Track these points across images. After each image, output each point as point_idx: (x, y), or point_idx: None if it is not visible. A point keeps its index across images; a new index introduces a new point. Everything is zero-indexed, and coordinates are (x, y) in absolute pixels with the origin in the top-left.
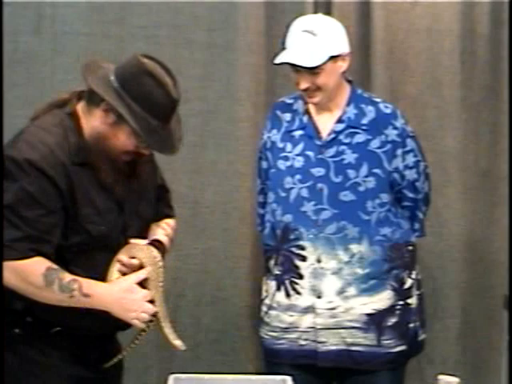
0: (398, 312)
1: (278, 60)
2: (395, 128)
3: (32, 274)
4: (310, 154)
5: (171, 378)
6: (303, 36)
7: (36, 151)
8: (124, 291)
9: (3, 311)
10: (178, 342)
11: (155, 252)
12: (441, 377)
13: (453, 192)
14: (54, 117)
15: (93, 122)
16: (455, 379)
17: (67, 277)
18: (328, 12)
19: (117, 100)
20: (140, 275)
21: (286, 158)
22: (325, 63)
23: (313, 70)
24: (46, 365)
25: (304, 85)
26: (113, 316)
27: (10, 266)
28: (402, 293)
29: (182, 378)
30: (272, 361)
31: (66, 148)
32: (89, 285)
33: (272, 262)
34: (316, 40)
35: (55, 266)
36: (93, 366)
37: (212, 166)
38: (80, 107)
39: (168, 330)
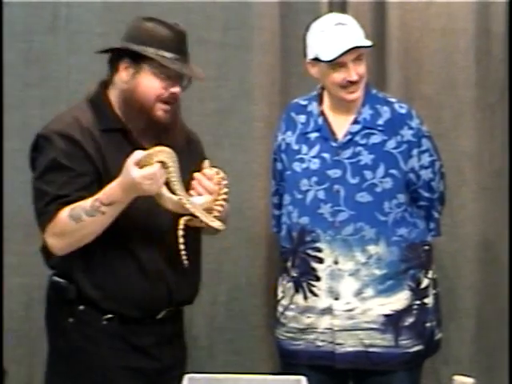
0: (414, 312)
1: (334, 54)
2: (411, 128)
3: (62, 224)
4: (326, 155)
5: (186, 378)
6: (339, 28)
7: (62, 122)
8: (125, 178)
9: (2, 305)
10: (215, 224)
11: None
12: (456, 377)
13: (467, 192)
14: (83, 101)
15: (117, 87)
16: (470, 379)
17: (88, 202)
18: (343, 11)
19: (124, 46)
20: (133, 157)
21: (302, 160)
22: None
23: (359, 57)
24: (97, 355)
25: (355, 76)
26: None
27: (47, 233)
28: (418, 292)
29: (197, 377)
30: (288, 362)
31: (92, 117)
32: (106, 194)
33: (289, 264)
34: (351, 29)
35: (74, 204)
36: (148, 355)
37: (227, 165)
38: (108, 89)
39: (202, 216)
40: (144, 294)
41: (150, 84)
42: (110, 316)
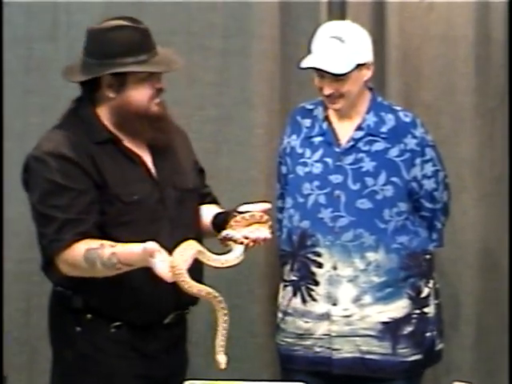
0: (414, 321)
1: (304, 64)
2: (414, 137)
3: (75, 259)
4: (329, 160)
5: None
6: (331, 42)
7: (52, 142)
8: (146, 261)
9: (2, 311)
10: (219, 357)
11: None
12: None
13: (468, 198)
14: (69, 115)
15: (104, 104)
16: None
17: (106, 253)
18: (342, 19)
19: (103, 68)
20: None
21: (305, 164)
22: (351, 71)
23: (338, 77)
24: (105, 363)
25: (328, 91)
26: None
27: (60, 259)
28: (418, 301)
29: None
30: (288, 367)
31: (82, 132)
32: (127, 256)
33: (287, 268)
34: (344, 47)
35: (94, 246)
36: (156, 361)
37: (226, 172)
38: (94, 106)
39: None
40: (152, 299)
41: (140, 92)
42: (118, 324)
